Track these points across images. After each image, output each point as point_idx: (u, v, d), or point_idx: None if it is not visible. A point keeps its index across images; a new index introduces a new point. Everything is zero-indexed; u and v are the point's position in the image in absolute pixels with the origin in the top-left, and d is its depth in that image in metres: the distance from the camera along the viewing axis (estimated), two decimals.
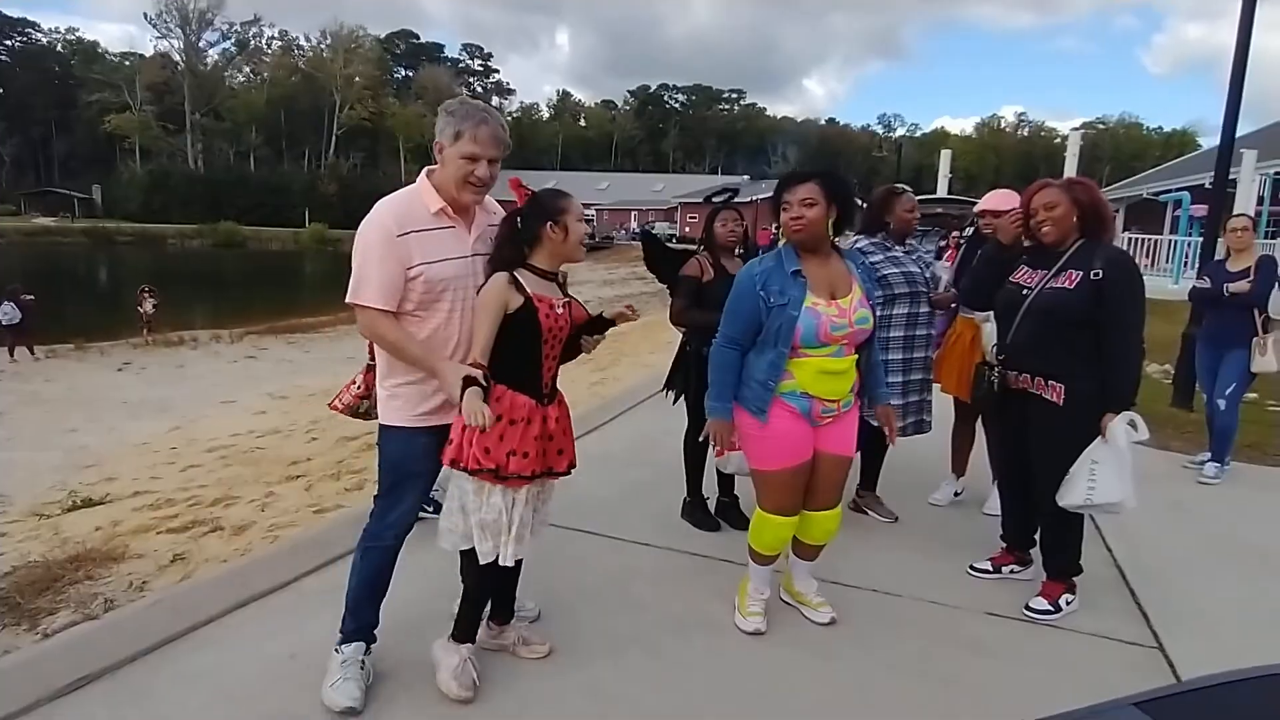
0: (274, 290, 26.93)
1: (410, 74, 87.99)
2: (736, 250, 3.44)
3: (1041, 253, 2.92)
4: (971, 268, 3.44)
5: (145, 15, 73.14)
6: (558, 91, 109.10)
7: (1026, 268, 2.95)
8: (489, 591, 2.31)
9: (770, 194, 2.68)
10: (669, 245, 3.81)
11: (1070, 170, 17.51)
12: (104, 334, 13.37)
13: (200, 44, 73.56)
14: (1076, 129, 23.15)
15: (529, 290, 2.09)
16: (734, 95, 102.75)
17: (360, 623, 2.27)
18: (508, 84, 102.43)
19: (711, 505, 3.62)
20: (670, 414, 3.75)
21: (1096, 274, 2.68)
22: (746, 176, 64.94)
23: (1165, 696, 0.88)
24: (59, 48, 76.36)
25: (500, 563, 2.16)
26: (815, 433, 2.56)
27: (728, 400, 2.54)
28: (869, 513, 3.77)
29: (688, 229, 52.44)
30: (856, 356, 2.57)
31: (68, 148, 68.47)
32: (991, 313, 3.19)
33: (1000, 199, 3.70)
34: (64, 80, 71.70)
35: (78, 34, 79.01)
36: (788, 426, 2.51)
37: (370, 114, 72.86)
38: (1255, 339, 4.41)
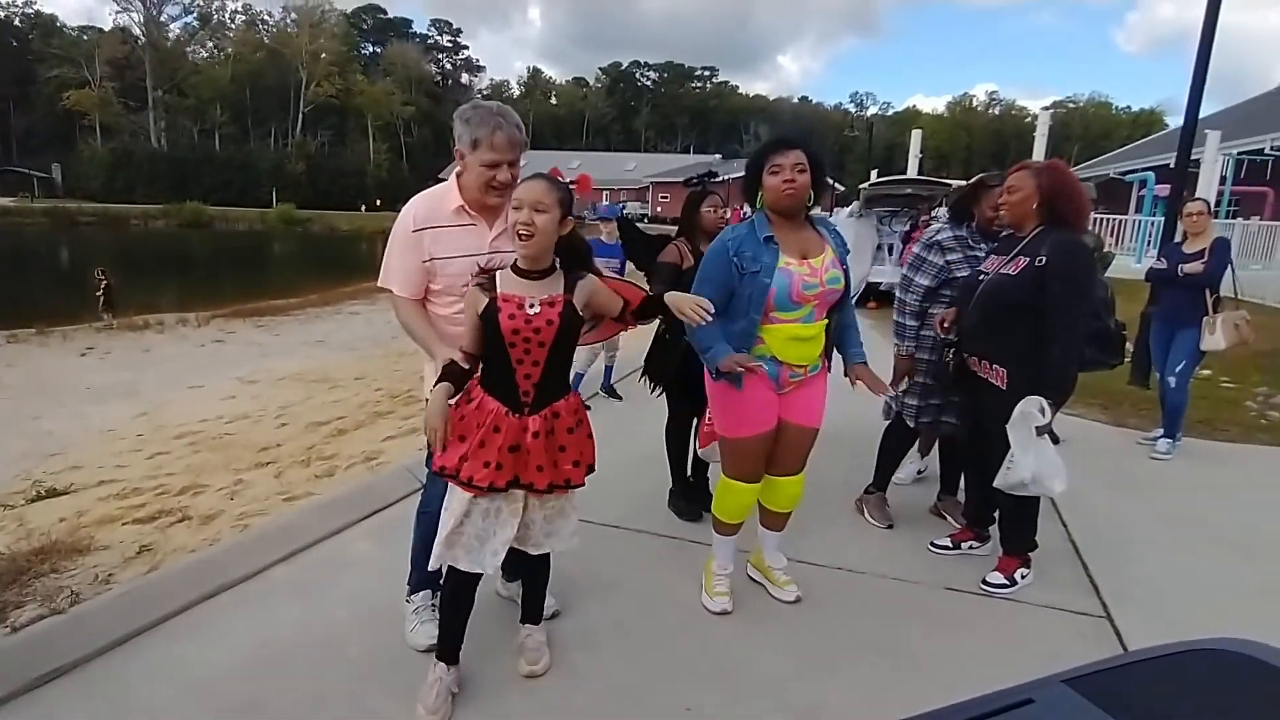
0: (241, 272, 26.41)
1: (378, 50, 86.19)
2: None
3: (1009, 240, 2.98)
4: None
5: None
6: (528, 68, 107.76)
7: (994, 255, 3.01)
8: (455, 602, 2.17)
9: (742, 174, 2.67)
10: (646, 231, 3.79)
11: (1039, 149, 17.72)
12: (67, 318, 13.05)
13: (161, 18, 71.34)
14: (1047, 108, 23.43)
15: (498, 290, 2.02)
16: (706, 73, 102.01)
17: (423, 574, 2.43)
18: (477, 60, 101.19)
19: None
20: (639, 399, 3.78)
21: (1041, 260, 2.70)
22: (719, 156, 64.81)
23: (1095, 673, 0.90)
24: (16, 21, 73.56)
25: (430, 565, 2.09)
26: (781, 401, 2.60)
27: (721, 340, 2.49)
28: (866, 515, 3.61)
29: (659, 208, 52.42)
30: (826, 322, 2.59)
31: (26, 125, 66.17)
32: None
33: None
34: (21, 55, 69.16)
35: (35, 7, 76.09)
36: (756, 395, 2.56)
37: (338, 91, 71.26)
38: (1205, 318, 4.55)
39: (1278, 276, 11.09)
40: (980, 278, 2.96)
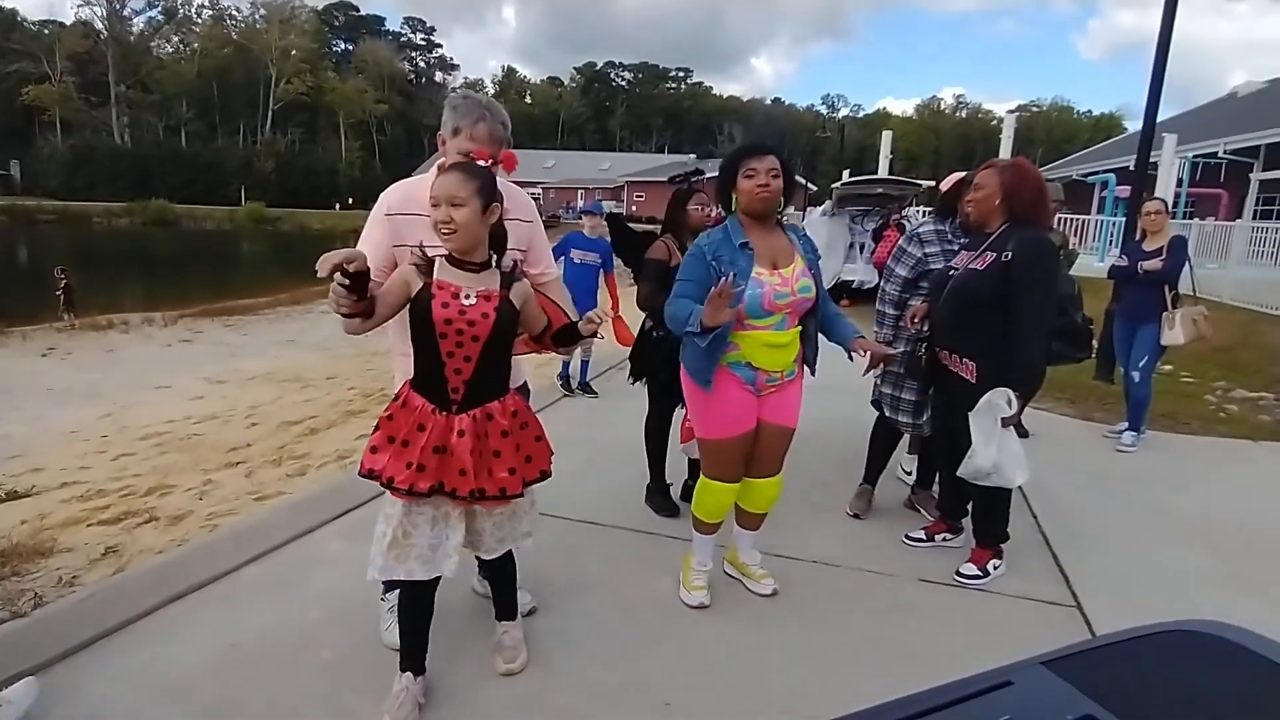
0: (209, 271, 25.94)
1: (350, 48, 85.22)
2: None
3: (977, 236, 3.02)
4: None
5: None
6: (503, 67, 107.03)
7: (964, 251, 3.06)
8: (414, 611, 2.10)
9: (717, 174, 2.69)
10: (634, 229, 3.78)
11: (1005, 151, 17.99)
12: (26, 318, 12.74)
13: (124, 12, 69.92)
14: (1012, 112, 23.76)
15: (434, 276, 1.91)
16: (681, 74, 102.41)
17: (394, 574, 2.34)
18: (451, 59, 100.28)
19: (676, 491, 3.63)
20: (616, 395, 3.78)
21: (1006, 256, 2.75)
22: (694, 156, 64.96)
23: (1071, 654, 0.92)
24: None
25: (378, 576, 1.98)
26: (759, 403, 2.63)
27: (694, 306, 2.45)
28: (860, 515, 3.63)
29: (634, 207, 52.39)
30: (800, 328, 2.63)
31: None
32: None
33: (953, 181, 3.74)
34: None
35: None
36: (733, 396, 2.58)
37: (309, 88, 70.36)
38: (1164, 314, 4.67)
39: (1233, 275, 11.38)
40: (950, 273, 3.01)
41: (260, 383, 8.20)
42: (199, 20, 76.41)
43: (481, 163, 1.94)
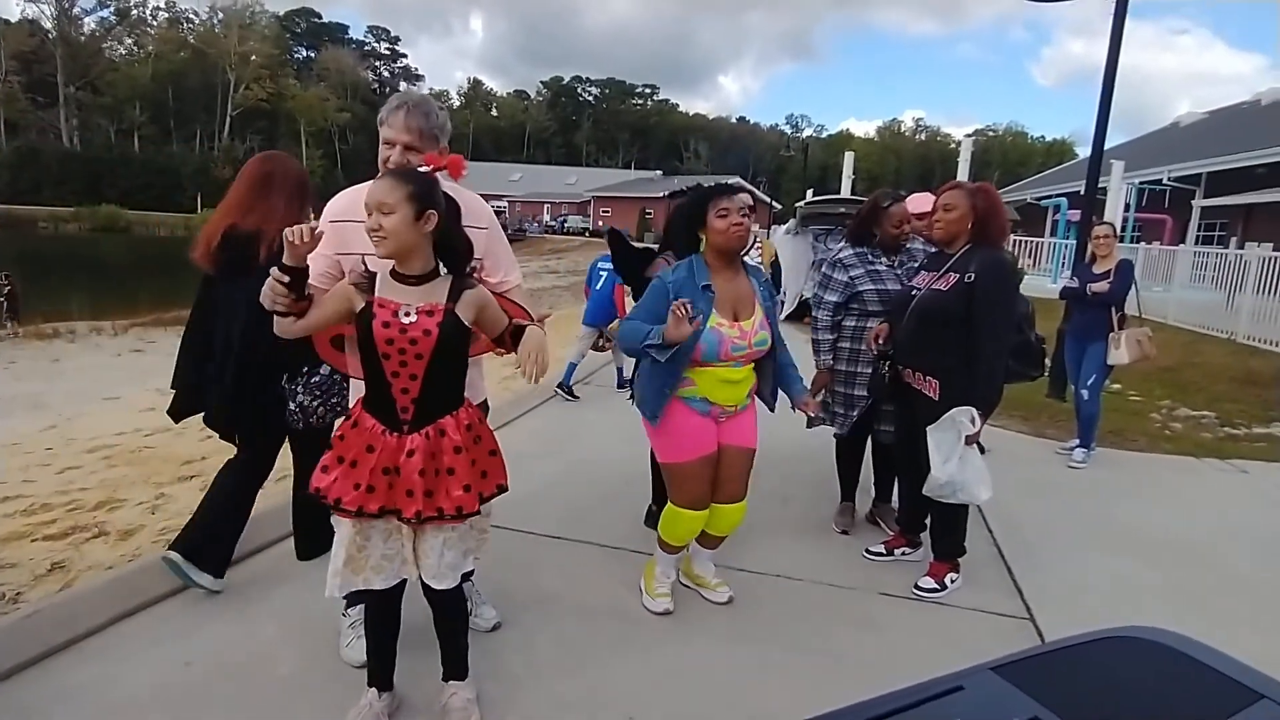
0: (162, 279, 25.18)
1: (312, 55, 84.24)
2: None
3: (938, 256, 3.11)
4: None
5: None
6: (469, 79, 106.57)
7: (925, 271, 3.14)
8: (380, 623, 2.05)
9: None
10: (635, 245, 3.75)
11: (963, 174, 18.51)
12: None
13: (74, 11, 68.04)
14: (969, 135, 24.47)
15: (376, 293, 1.84)
16: (648, 90, 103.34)
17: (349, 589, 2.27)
18: (416, 69, 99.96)
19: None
20: (594, 401, 3.77)
21: (969, 277, 2.84)
22: (659, 172, 65.51)
23: (1019, 660, 0.96)
24: None
25: (333, 593, 1.92)
26: (718, 427, 2.69)
27: (652, 324, 2.50)
28: (880, 524, 3.72)
29: (600, 222, 52.55)
30: (753, 364, 2.72)
31: None
32: None
33: (920, 202, 3.73)
34: None
35: None
36: (692, 421, 2.64)
37: (269, 95, 69.29)
38: (1111, 334, 4.84)
39: (1176, 297, 11.83)
40: (913, 293, 3.08)
41: None
42: (154, 22, 74.88)
43: (425, 168, 1.89)
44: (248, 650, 2.39)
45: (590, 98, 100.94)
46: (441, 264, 1.90)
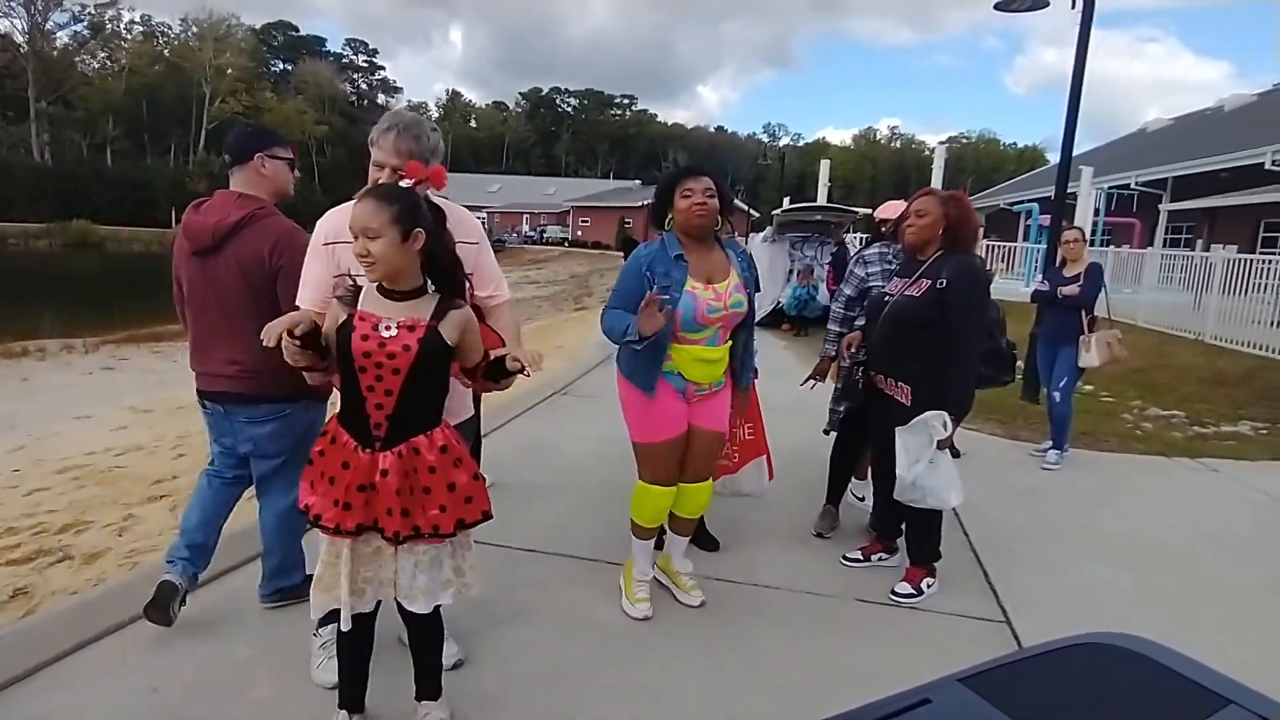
0: (136, 295, 24.78)
1: (289, 68, 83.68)
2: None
3: (910, 262, 3.13)
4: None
5: None
6: (447, 91, 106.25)
7: (897, 277, 3.17)
8: (352, 646, 2.00)
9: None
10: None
11: (937, 180, 18.69)
12: None
13: (47, 25, 67.11)
14: (943, 143, 24.81)
15: (358, 306, 1.83)
16: (626, 100, 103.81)
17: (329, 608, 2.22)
18: (394, 82, 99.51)
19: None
20: (562, 420, 3.76)
21: (941, 283, 2.88)
22: (639, 181, 65.66)
23: (987, 670, 0.95)
24: None
25: (313, 614, 1.93)
26: (690, 409, 2.75)
27: (628, 317, 2.53)
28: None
29: (580, 232, 52.60)
30: (730, 344, 2.78)
31: None
32: None
33: (894, 208, 3.83)
34: None
35: None
36: (666, 403, 2.70)
37: (245, 108, 68.56)
38: (1081, 337, 4.91)
39: (1145, 299, 12.01)
40: (885, 299, 3.11)
41: (189, 412, 7.85)
42: (128, 36, 74.03)
43: (407, 181, 1.85)
44: (218, 674, 2.35)
45: (569, 108, 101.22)
46: (429, 280, 1.87)
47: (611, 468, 3.93)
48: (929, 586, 3.11)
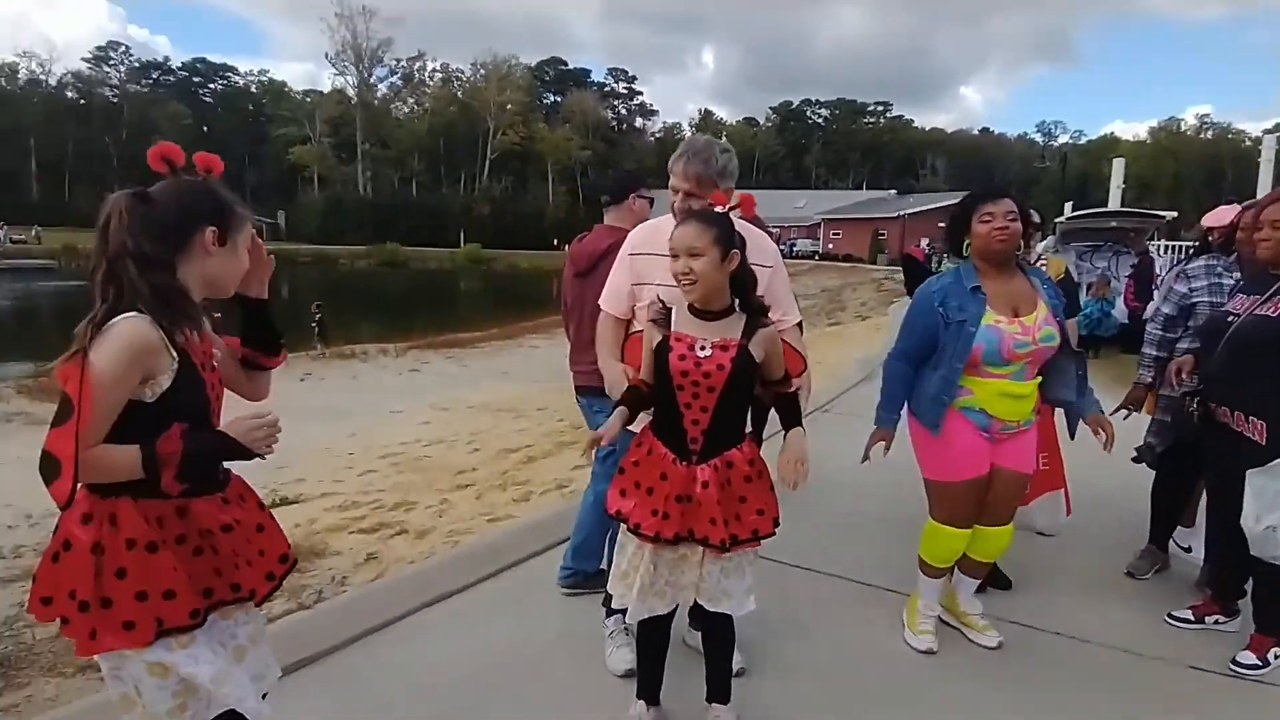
0: (433, 307, 28.73)
1: (559, 99, 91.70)
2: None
3: (1259, 277, 2.67)
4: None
5: (325, 55, 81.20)
6: (700, 110, 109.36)
7: (1242, 294, 2.72)
8: (650, 643, 2.15)
9: (918, 208, 2.67)
10: (928, 268, 3.76)
11: (1265, 177, 15.67)
12: (289, 347, 14.79)
13: (371, 79, 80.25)
14: (1270, 131, 20.64)
15: (671, 328, 1.97)
16: (880, 107, 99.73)
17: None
18: (651, 105, 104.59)
19: None
20: (822, 438, 3.67)
21: None
22: (893, 191, 62.83)
23: None
24: (253, 88, 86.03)
25: (629, 618, 2.06)
26: (994, 447, 2.56)
27: (894, 413, 2.64)
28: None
29: (830, 245, 51.30)
30: (1040, 379, 2.57)
31: (258, 178, 76.29)
32: None
33: (1225, 214, 3.37)
34: (256, 117, 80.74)
35: (268, 75, 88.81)
36: (966, 440, 2.53)
37: (521, 139, 76.47)
38: None
39: None
40: (1229, 320, 2.66)
41: (479, 411, 8.92)
42: (430, 82, 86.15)
43: (719, 208, 1.97)
44: (529, 651, 2.60)
45: (820, 119, 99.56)
46: (736, 302, 1.97)
47: (871, 489, 3.78)
48: (1277, 658, 2.60)
